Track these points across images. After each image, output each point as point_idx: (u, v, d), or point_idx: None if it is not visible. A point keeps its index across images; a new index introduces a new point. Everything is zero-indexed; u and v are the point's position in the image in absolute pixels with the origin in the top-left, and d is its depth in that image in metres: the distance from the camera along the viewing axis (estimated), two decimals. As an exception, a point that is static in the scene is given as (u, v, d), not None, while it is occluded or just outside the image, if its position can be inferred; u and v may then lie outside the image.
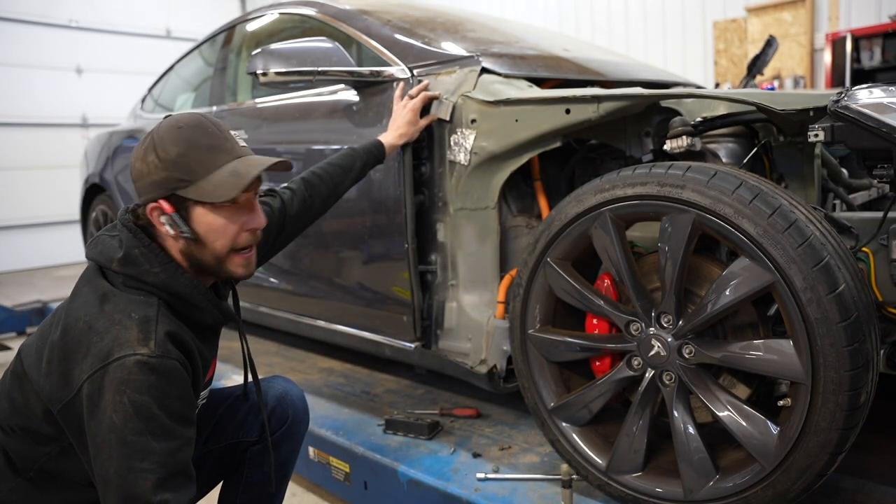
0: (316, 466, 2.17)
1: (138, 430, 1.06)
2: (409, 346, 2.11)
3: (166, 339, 1.12)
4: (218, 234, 1.22)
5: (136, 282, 1.18)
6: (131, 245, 1.20)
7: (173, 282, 1.20)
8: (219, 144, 1.20)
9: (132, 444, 1.06)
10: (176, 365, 1.12)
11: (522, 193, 2.04)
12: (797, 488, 1.30)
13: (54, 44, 7.95)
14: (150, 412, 1.07)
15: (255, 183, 1.23)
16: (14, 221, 7.63)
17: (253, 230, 1.26)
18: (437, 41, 2.21)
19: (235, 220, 1.23)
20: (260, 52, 2.04)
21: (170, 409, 1.10)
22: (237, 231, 1.23)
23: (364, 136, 2.11)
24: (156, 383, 1.08)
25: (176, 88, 3.59)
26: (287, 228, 1.64)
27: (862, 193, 2.00)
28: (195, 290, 1.22)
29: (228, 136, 1.23)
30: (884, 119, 1.20)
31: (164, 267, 1.19)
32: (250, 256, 1.29)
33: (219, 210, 1.20)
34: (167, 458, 1.08)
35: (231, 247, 1.24)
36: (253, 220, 1.26)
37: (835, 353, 1.21)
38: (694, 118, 1.60)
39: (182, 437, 1.12)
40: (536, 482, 1.73)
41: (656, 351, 1.45)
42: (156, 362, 1.08)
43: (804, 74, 5.75)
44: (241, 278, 1.30)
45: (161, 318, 1.15)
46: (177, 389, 1.12)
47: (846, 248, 1.30)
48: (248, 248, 1.27)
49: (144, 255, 1.19)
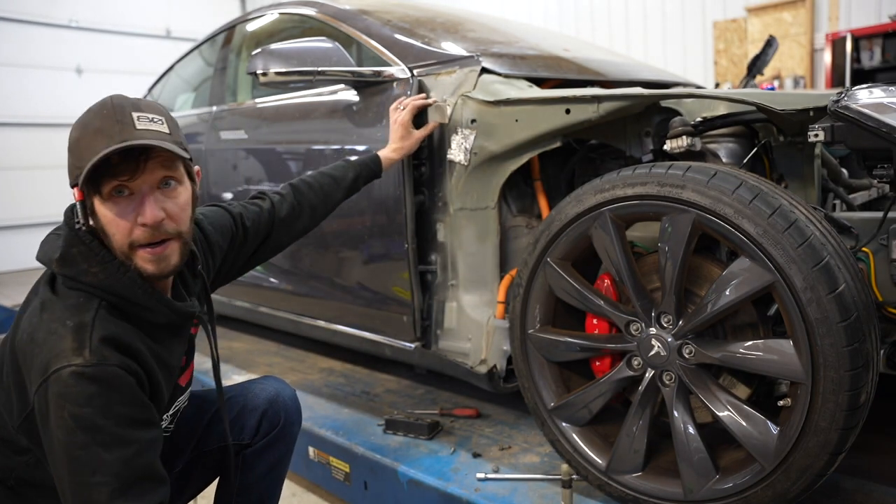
0: (316, 466, 2.17)
1: (83, 443, 1.02)
2: (409, 346, 2.11)
3: (102, 345, 1.06)
4: (112, 227, 1.11)
5: (75, 283, 1.12)
6: (70, 243, 1.13)
7: (113, 281, 1.12)
8: (107, 128, 1.08)
9: (80, 459, 1.02)
10: (116, 371, 1.05)
11: (522, 193, 2.04)
12: (797, 488, 1.30)
13: (54, 44, 7.96)
14: (94, 423, 1.02)
15: (135, 168, 1.09)
16: (14, 221, 7.63)
17: (144, 224, 1.11)
18: (437, 41, 2.21)
19: (125, 214, 1.11)
20: (260, 52, 2.04)
21: (118, 417, 1.05)
22: (130, 226, 1.11)
23: (364, 136, 2.11)
24: (97, 392, 1.03)
25: (176, 88, 3.59)
26: (275, 233, 1.59)
27: (862, 193, 2.00)
28: (139, 289, 1.14)
29: (126, 118, 1.10)
30: (884, 119, 1.20)
31: (103, 266, 1.12)
32: (160, 252, 1.14)
33: (108, 201, 1.10)
34: (122, 467, 1.04)
35: (129, 241, 1.12)
36: (142, 212, 1.11)
37: (835, 353, 1.21)
38: (694, 118, 1.60)
39: (138, 441, 1.07)
40: (536, 482, 1.73)
41: (656, 351, 1.45)
42: (92, 371, 1.03)
43: (804, 74, 5.75)
44: (155, 277, 1.16)
45: (98, 322, 1.08)
46: (122, 395, 1.06)
47: (846, 248, 1.29)
48: (154, 243, 1.14)
49: (82, 254, 1.12)
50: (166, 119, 1.16)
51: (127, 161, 1.08)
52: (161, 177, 1.13)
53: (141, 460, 1.07)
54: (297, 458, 2.26)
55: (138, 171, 1.10)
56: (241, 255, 1.56)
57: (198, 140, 2.91)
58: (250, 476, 1.50)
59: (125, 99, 1.14)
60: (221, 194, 2.76)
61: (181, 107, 3.44)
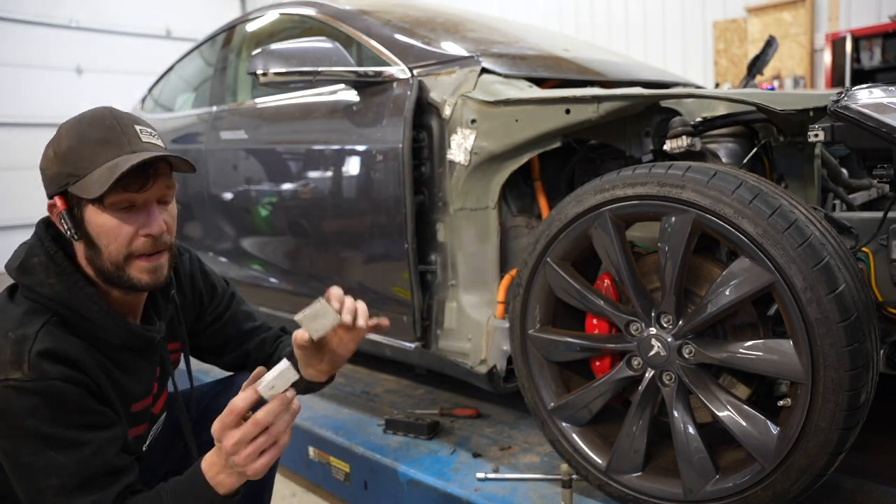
0: (316, 466, 2.17)
1: (34, 449, 1.01)
2: (409, 346, 2.11)
3: (40, 359, 1.03)
4: (110, 237, 1.10)
5: (30, 293, 1.10)
6: (33, 252, 1.12)
7: (69, 295, 1.10)
8: (112, 138, 1.09)
9: (33, 466, 1.01)
10: (58, 385, 1.03)
11: (522, 193, 2.04)
12: (797, 488, 1.30)
13: (54, 44, 7.96)
14: (41, 432, 1.01)
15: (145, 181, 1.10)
16: (14, 221, 7.63)
17: (148, 235, 1.11)
18: (437, 41, 2.21)
19: (129, 223, 1.10)
20: (260, 53, 2.04)
21: (68, 424, 1.04)
22: (131, 235, 1.10)
23: (364, 136, 2.11)
24: (40, 404, 1.02)
25: (176, 88, 3.59)
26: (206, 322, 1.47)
27: (862, 193, 2.01)
28: (94, 305, 1.11)
29: (130, 130, 1.11)
30: (884, 119, 1.20)
31: (61, 278, 1.10)
32: (157, 261, 1.14)
33: (110, 210, 1.09)
34: (78, 467, 1.03)
35: (126, 252, 1.11)
36: (148, 224, 1.11)
37: (835, 353, 1.21)
38: (694, 118, 1.60)
39: (94, 441, 1.06)
40: (536, 482, 1.73)
41: (656, 351, 1.45)
42: (32, 386, 1.01)
43: (804, 74, 5.75)
44: (147, 287, 1.15)
45: (42, 335, 1.05)
46: (69, 405, 1.04)
47: (846, 248, 1.30)
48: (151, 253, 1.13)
49: (42, 264, 1.11)
50: (154, 132, 1.17)
51: (137, 174, 1.09)
52: (164, 192, 1.15)
53: (98, 458, 1.05)
54: (298, 458, 2.26)
55: (147, 184, 1.10)
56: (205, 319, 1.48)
57: (198, 140, 2.91)
58: None
59: (120, 111, 1.15)
60: (221, 194, 2.76)
61: (181, 107, 3.44)
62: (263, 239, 2.65)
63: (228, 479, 1.04)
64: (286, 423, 1.04)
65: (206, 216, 2.88)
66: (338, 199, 2.21)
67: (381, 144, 2.02)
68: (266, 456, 1.02)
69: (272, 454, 1.03)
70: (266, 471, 1.03)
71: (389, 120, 2.01)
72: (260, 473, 1.02)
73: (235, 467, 1.02)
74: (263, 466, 1.02)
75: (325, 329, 1.12)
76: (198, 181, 2.86)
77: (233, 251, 2.80)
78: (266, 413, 1.01)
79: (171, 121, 3.31)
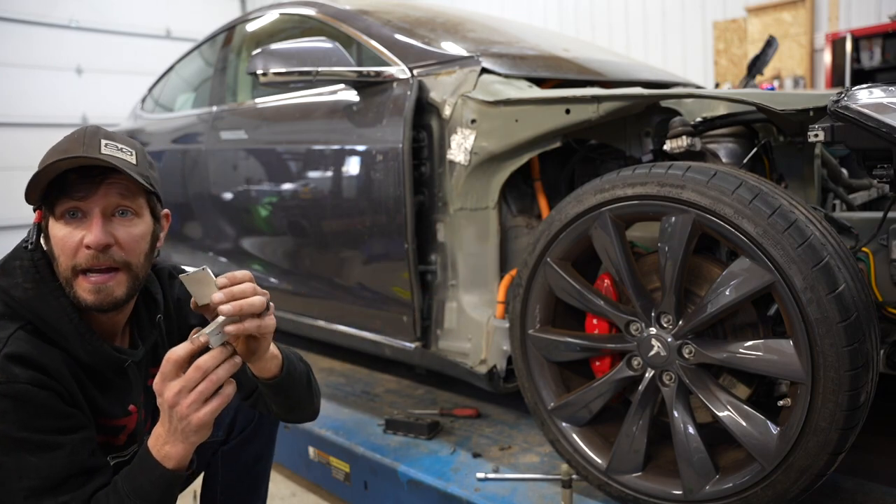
0: (316, 466, 2.17)
1: (5, 451, 1.00)
2: (409, 346, 2.11)
3: (9, 362, 1.01)
4: (59, 248, 1.08)
5: (5, 295, 1.09)
6: (16, 256, 1.12)
7: (40, 303, 1.08)
8: (71, 149, 1.07)
9: (4, 466, 1.00)
10: (27, 388, 1.01)
11: (522, 193, 2.04)
12: (797, 488, 1.30)
13: (54, 44, 7.95)
14: (11, 436, 1.00)
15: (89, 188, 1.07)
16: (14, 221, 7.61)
17: (88, 246, 1.07)
18: (437, 41, 2.21)
19: (72, 235, 1.07)
20: (260, 53, 2.04)
21: (39, 428, 1.02)
22: (75, 245, 1.07)
23: (364, 136, 2.11)
24: (10, 408, 1.00)
25: (176, 88, 3.59)
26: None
27: (862, 193, 2.01)
28: (65, 318, 1.08)
29: (93, 142, 1.08)
30: (884, 119, 1.20)
31: (36, 283, 1.08)
32: (102, 282, 1.09)
33: (60, 221, 1.08)
34: (51, 469, 1.02)
35: (72, 264, 1.08)
36: (88, 234, 1.07)
37: (835, 353, 1.21)
38: (694, 118, 1.60)
39: (68, 443, 1.04)
40: (536, 482, 1.73)
41: (656, 351, 1.45)
42: (1, 389, 1.00)
43: (804, 74, 5.74)
44: (93, 308, 1.10)
45: (14, 340, 1.04)
46: (39, 409, 1.02)
47: (846, 248, 1.30)
48: (95, 270, 1.09)
49: (22, 268, 1.09)
50: (137, 153, 1.14)
51: (83, 181, 1.07)
52: (116, 204, 1.10)
53: (70, 460, 1.04)
54: (297, 458, 2.26)
55: (92, 192, 1.07)
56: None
57: (198, 140, 2.91)
58: (232, 473, 1.49)
59: (100, 128, 1.13)
60: (221, 194, 2.76)
61: (181, 107, 3.44)
62: (263, 239, 2.65)
63: (174, 448, 1.01)
64: (227, 372, 1.00)
65: (207, 216, 2.88)
66: (338, 199, 2.21)
67: (381, 144, 2.02)
68: (210, 404, 0.99)
69: (217, 402, 0.99)
70: (212, 419, 0.99)
71: (389, 120, 2.01)
72: (205, 424, 0.99)
73: (179, 423, 0.98)
74: (208, 415, 0.99)
75: (206, 299, 1.06)
76: (198, 181, 2.86)
77: (233, 251, 2.80)
78: (208, 357, 0.98)
79: (171, 121, 3.31)
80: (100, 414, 1.18)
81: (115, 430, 1.23)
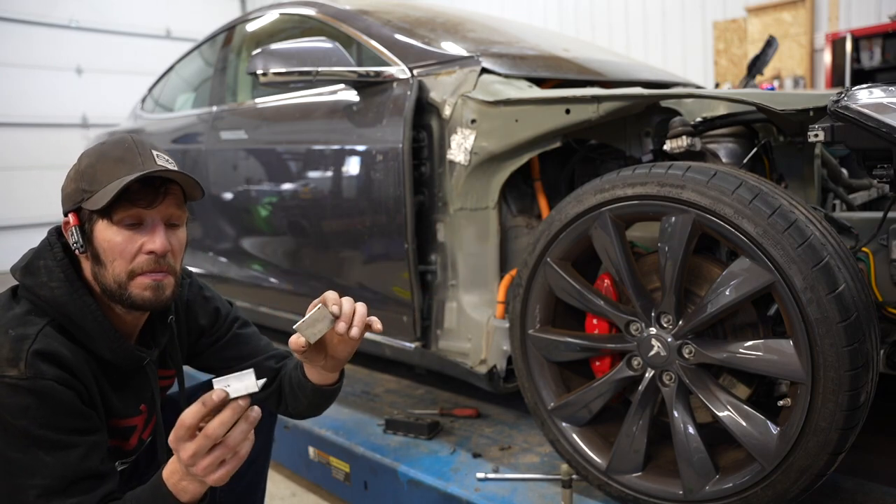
0: (316, 466, 2.17)
1: (22, 447, 1.02)
2: (409, 346, 2.11)
3: (37, 358, 1.04)
4: (115, 252, 1.11)
5: (31, 294, 1.12)
6: (39, 255, 1.15)
7: (67, 301, 1.11)
8: (128, 157, 1.12)
9: (17, 462, 1.02)
10: (52, 385, 1.04)
11: (522, 193, 2.04)
12: (797, 488, 1.30)
13: (54, 44, 7.96)
14: (30, 433, 1.02)
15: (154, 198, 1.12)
16: (14, 221, 7.63)
17: (150, 252, 1.12)
18: (437, 41, 2.21)
19: (135, 239, 1.12)
20: (260, 53, 2.04)
21: (57, 427, 1.04)
22: (135, 251, 1.12)
23: (364, 136, 2.11)
24: (32, 404, 1.02)
25: (176, 88, 3.59)
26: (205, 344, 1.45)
27: (862, 193, 2.01)
28: (89, 315, 1.12)
29: (146, 152, 1.14)
30: (884, 119, 1.20)
31: (61, 283, 1.12)
32: (159, 279, 1.14)
33: (118, 225, 1.11)
34: (64, 469, 1.03)
35: (129, 268, 1.12)
36: (152, 240, 1.12)
37: (835, 353, 1.21)
38: (694, 118, 1.60)
39: (83, 444, 1.06)
40: (536, 482, 1.73)
41: (656, 351, 1.45)
42: (28, 384, 1.02)
43: (804, 74, 5.75)
44: (149, 306, 1.15)
45: (42, 337, 1.07)
46: (60, 407, 1.05)
47: (846, 248, 1.29)
48: (149, 273, 1.14)
49: (47, 268, 1.13)
50: (175, 163, 1.21)
51: (146, 190, 1.12)
52: (173, 213, 1.17)
53: (83, 463, 1.05)
54: (298, 458, 2.26)
55: (156, 201, 1.13)
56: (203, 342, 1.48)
57: (198, 140, 2.91)
58: None
59: (142, 139, 1.19)
60: (221, 194, 2.76)
61: (181, 107, 3.44)
62: (263, 239, 2.65)
63: (191, 485, 1.00)
64: (243, 433, 0.97)
65: (206, 216, 2.89)
66: (338, 199, 2.21)
67: (381, 144, 2.02)
68: (226, 466, 0.97)
69: (232, 465, 0.98)
70: (228, 477, 0.99)
71: (389, 120, 2.01)
72: (222, 482, 0.99)
73: (196, 476, 0.98)
74: (224, 476, 0.98)
75: (321, 333, 1.14)
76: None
77: (233, 251, 2.80)
78: (217, 425, 0.94)
79: (171, 121, 3.31)
80: (112, 415, 1.20)
81: (126, 431, 1.25)
